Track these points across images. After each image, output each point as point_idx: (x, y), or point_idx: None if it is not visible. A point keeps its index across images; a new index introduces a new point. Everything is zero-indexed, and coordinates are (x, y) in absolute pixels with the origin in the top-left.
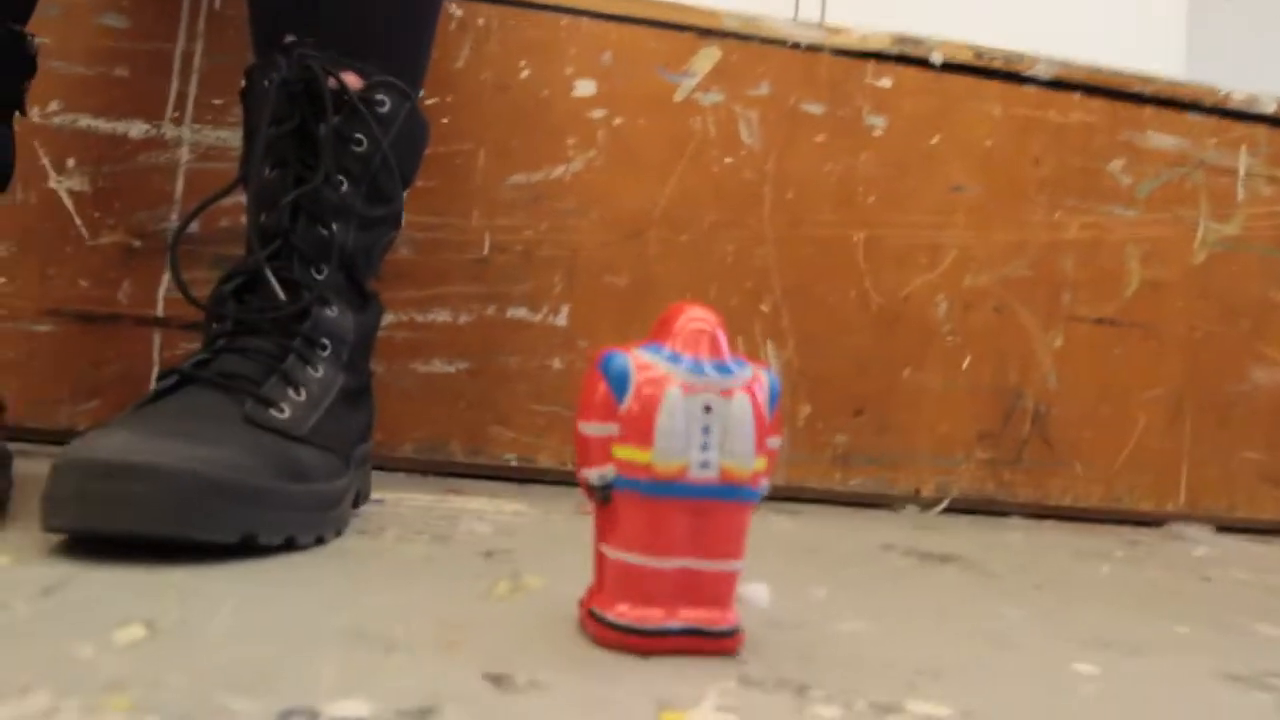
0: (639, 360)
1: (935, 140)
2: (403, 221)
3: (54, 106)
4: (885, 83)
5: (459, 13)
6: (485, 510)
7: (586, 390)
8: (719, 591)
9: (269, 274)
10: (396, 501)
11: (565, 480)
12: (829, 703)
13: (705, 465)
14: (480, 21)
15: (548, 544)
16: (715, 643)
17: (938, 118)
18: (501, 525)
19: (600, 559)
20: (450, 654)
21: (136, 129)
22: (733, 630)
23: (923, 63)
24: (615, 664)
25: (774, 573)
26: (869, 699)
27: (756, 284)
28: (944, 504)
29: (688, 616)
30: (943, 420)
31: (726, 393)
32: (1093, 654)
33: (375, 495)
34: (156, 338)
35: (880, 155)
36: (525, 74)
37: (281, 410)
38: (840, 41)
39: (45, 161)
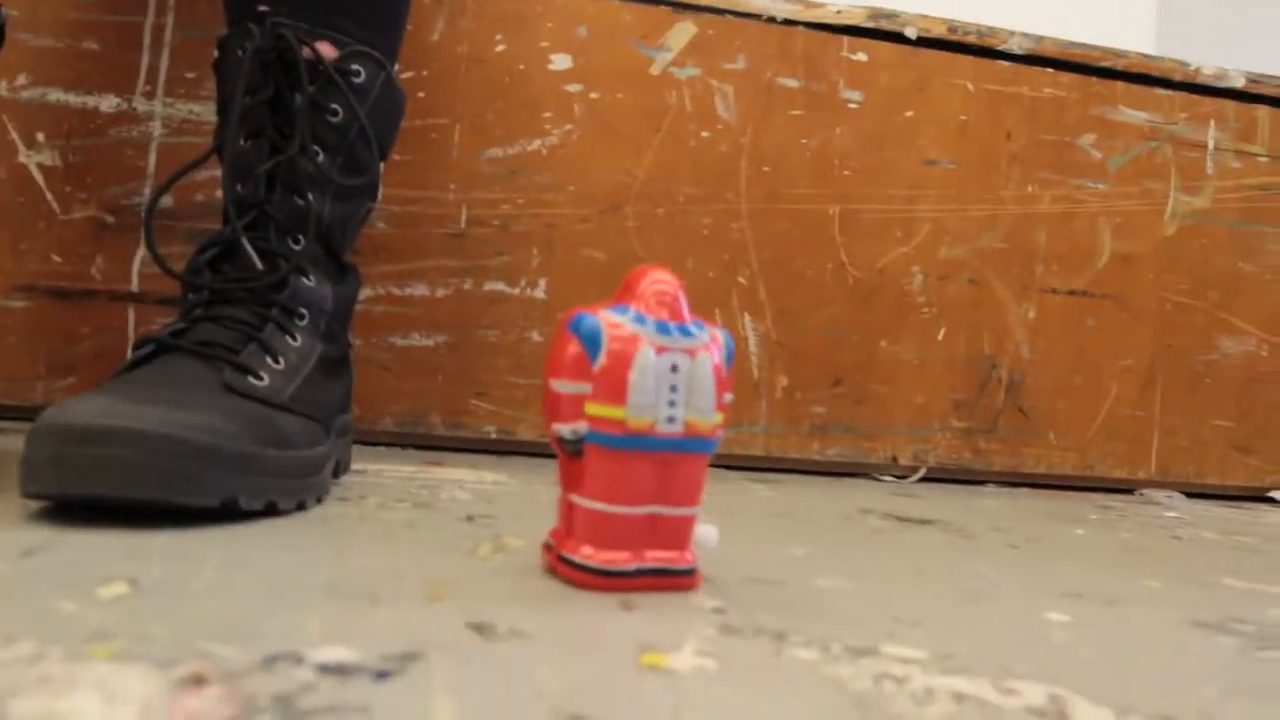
0: (609, 321)
1: (910, 114)
2: (380, 194)
3: (22, 80)
4: (861, 57)
5: None
6: (466, 480)
7: (557, 349)
8: (680, 534)
9: (246, 243)
10: (377, 472)
11: (545, 452)
12: (806, 647)
13: (672, 420)
14: None
15: (528, 510)
16: (678, 580)
17: (912, 92)
18: (482, 493)
19: (568, 507)
20: (434, 606)
21: (107, 103)
22: (693, 569)
23: (898, 37)
24: (597, 612)
25: (755, 536)
26: (845, 644)
27: (734, 257)
28: (921, 472)
29: (653, 557)
30: (919, 390)
31: (690, 352)
32: (1066, 605)
33: (356, 466)
34: (131, 313)
35: (855, 129)
36: (501, 48)
37: (260, 378)
38: (815, 16)
39: (14, 136)
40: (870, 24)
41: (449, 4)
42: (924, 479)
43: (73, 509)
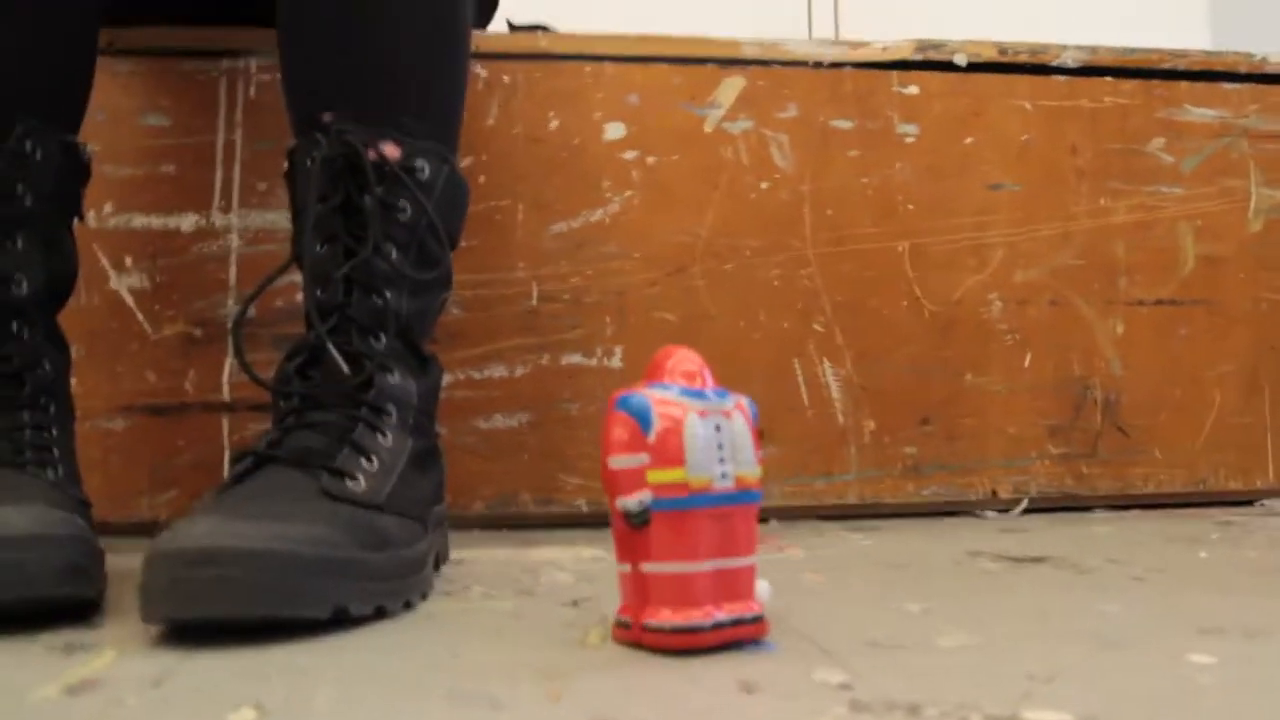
0: (652, 395)
1: (969, 141)
2: (453, 281)
3: (108, 209)
4: (912, 90)
5: (484, 73)
6: (563, 559)
7: (608, 430)
8: (744, 584)
9: (331, 348)
10: (475, 559)
11: None
12: (945, 719)
13: (724, 476)
14: (506, 79)
15: None
16: (751, 628)
17: (969, 118)
18: (582, 573)
19: (637, 578)
20: (555, 707)
21: (187, 221)
22: (760, 616)
23: (947, 66)
24: (719, 699)
25: (864, 593)
26: (984, 712)
27: (806, 304)
28: (1023, 505)
29: (726, 609)
30: (1010, 420)
31: (727, 414)
32: (1207, 643)
33: (453, 555)
34: (225, 422)
35: (915, 162)
36: (555, 124)
37: (357, 480)
38: (862, 55)
39: (105, 263)
40: (918, 56)
41: (500, 88)
42: (1027, 510)
43: (190, 629)
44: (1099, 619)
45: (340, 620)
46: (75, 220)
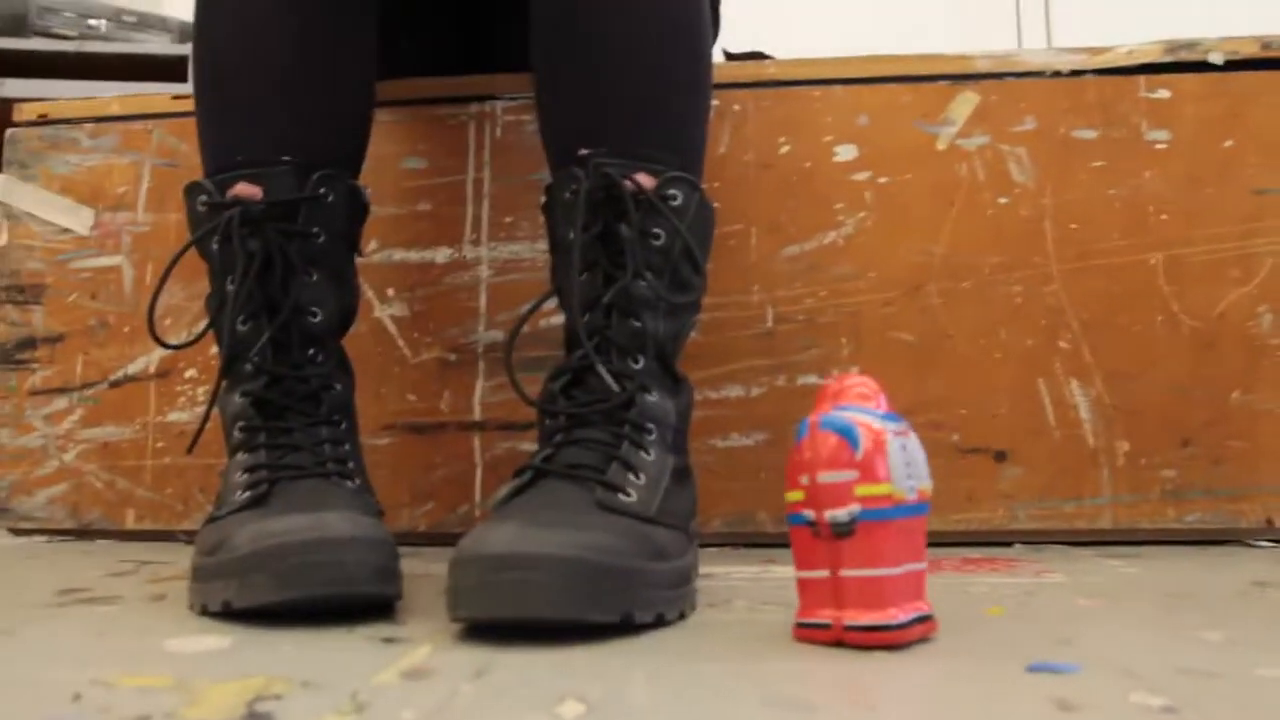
0: (855, 418)
1: (1229, 144)
2: (702, 304)
3: (373, 246)
4: (1162, 94)
5: (715, 102)
6: None
7: (818, 448)
8: (921, 585)
9: (600, 368)
10: (724, 575)
11: None
12: None
13: (911, 490)
14: (736, 107)
15: None
16: (930, 624)
17: (1228, 120)
18: None
19: (835, 583)
20: (871, 714)
21: (442, 254)
22: (932, 614)
23: (1202, 66)
24: (1036, 715)
25: (1150, 620)
26: None
27: (1051, 322)
28: None
29: (914, 607)
30: None
31: (904, 433)
32: None
33: (701, 570)
34: (476, 440)
35: (1168, 170)
36: (785, 149)
37: (628, 494)
38: (1105, 61)
39: (370, 294)
40: (1168, 58)
41: (731, 117)
42: None
43: (489, 628)
44: None
45: (626, 626)
46: (355, 255)
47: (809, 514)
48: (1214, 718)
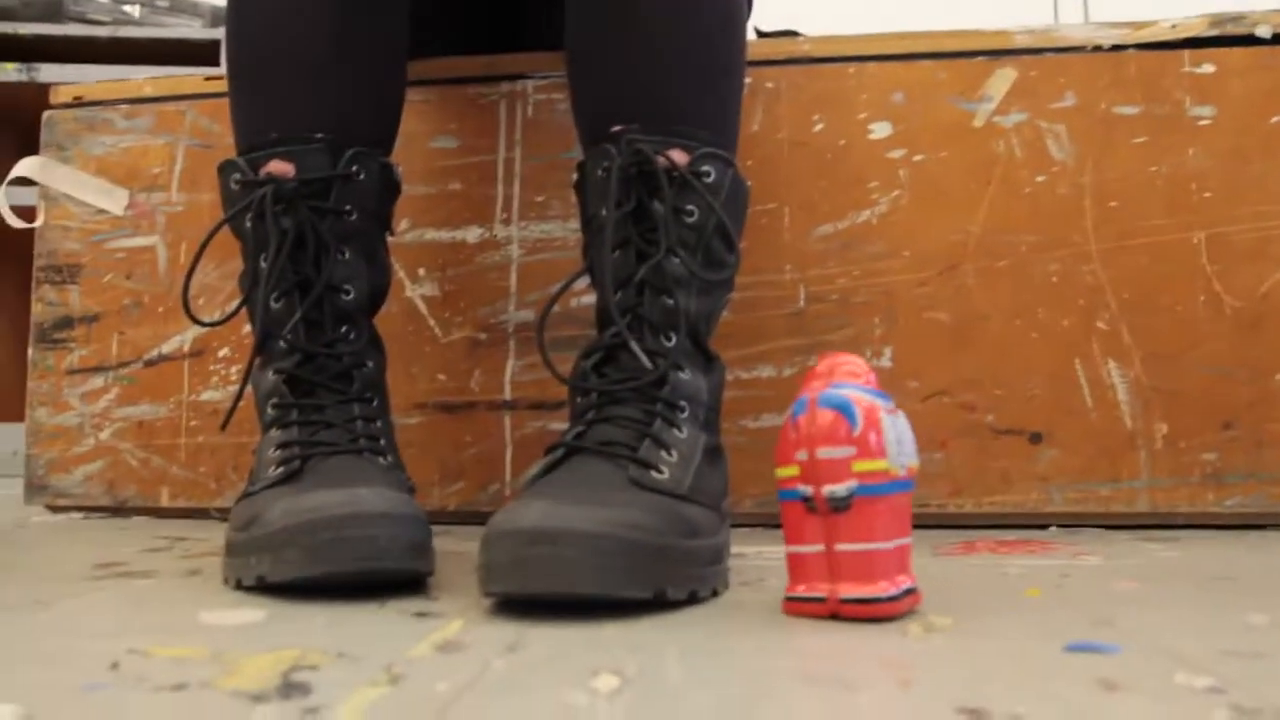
0: (850, 394)
1: (1276, 120)
2: (735, 282)
3: (404, 225)
4: (1207, 69)
5: (748, 80)
6: None
7: (816, 424)
8: (908, 559)
9: (633, 345)
10: (755, 554)
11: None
12: None
13: (902, 466)
14: (769, 85)
15: (931, 585)
16: (917, 596)
17: (1276, 95)
18: None
19: (830, 557)
20: (908, 691)
21: (472, 234)
22: (916, 586)
23: (1248, 39)
24: (1088, 701)
25: (1193, 603)
26: None
27: (1089, 301)
28: None
29: (902, 580)
30: None
31: (893, 411)
32: None
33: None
34: (507, 419)
35: (1212, 146)
36: (819, 127)
37: (661, 471)
38: (1147, 35)
39: (402, 274)
40: (1213, 32)
41: (764, 94)
42: None
43: (520, 603)
44: None
45: (659, 603)
46: (387, 234)
47: (805, 489)
48: (1265, 698)
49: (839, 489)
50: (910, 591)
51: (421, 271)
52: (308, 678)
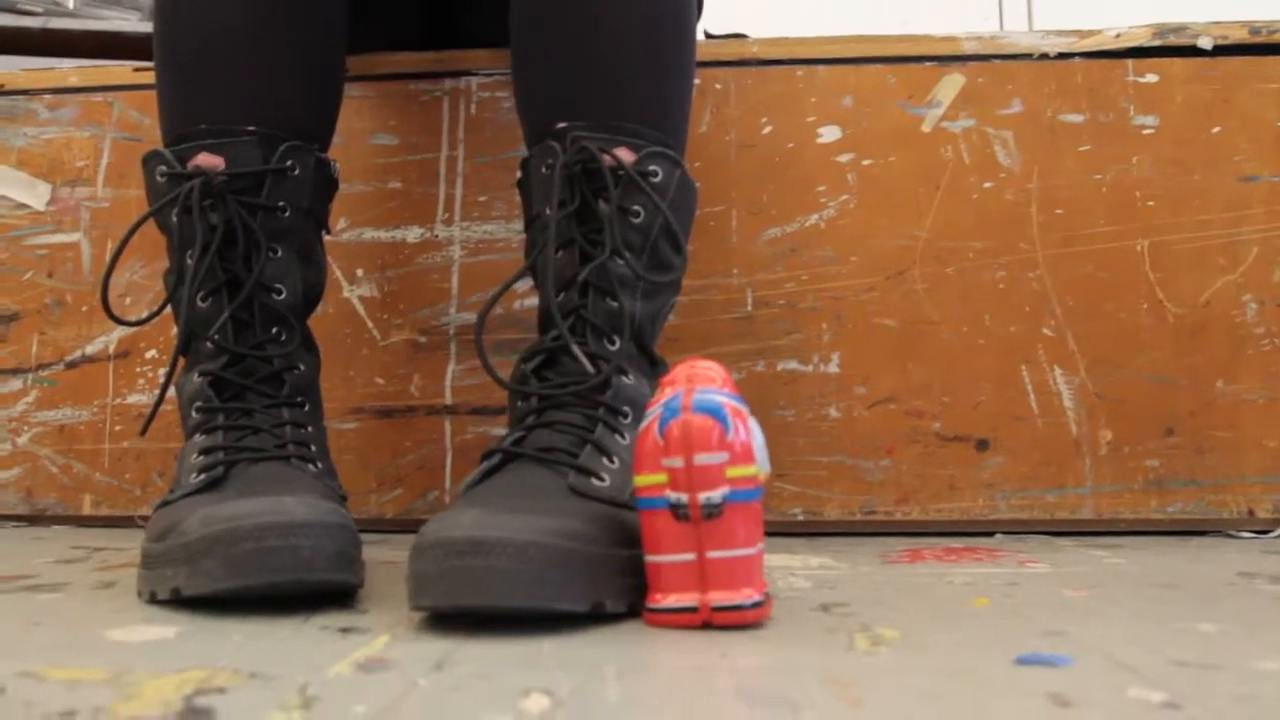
0: (722, 400)
1: (1216, 130)
2: (681, 285)
3: (342, 224)
4: (1150, 78)
5: (697, 80)
6: (793, 566)
7: (692, 430)
8: (760, 566)
9: (575, 348)
10: None
11: (856, 530)
12: None
13: (764, 472)
14: (718, 86)
15: (877, 594)
16: (770, 603)
17: (1216, 105)
18: (819, 579)
19: (699, 565)
20: (858, 710)
21: (413, 234)
22: (769, 592)
23: (1190, 50)
24: (1031, 712)
25: (1141, 612)
26: None
27: (1035, 308)
28: None
29: (761, 585)
30: (1270, 433)
31: (752, 416)
32: None
33: None
34: (447, 424)
35: (1155, 155)
36: (768, 129)
37: (602, 479)
38: (1093, 44)
39: (339, 274)
40: (1157, 42)
41: (712, 95)
42: None
43: (452, 616)
44: None
45: (597, 616)
46: (324, 233)
47: (676, 496)
48: (1221, 714)
49: (715, 495)
50: (770, 596)
51: (360, 272)
52: (212, 701)
